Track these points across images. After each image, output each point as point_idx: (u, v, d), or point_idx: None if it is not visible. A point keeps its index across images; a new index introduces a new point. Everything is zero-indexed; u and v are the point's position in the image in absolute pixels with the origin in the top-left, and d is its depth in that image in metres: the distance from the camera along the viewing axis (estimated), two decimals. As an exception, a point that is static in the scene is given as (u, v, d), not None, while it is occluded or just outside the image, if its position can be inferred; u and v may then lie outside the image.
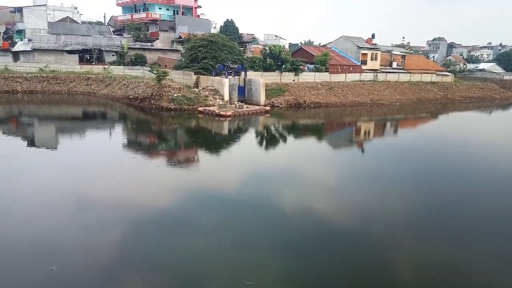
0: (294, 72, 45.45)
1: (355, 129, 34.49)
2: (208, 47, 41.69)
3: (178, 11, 67.06)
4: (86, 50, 53.65)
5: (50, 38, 53.86)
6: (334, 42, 58.09)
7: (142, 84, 39.82)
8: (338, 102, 44.46)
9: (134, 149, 22.96)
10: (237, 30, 72.76)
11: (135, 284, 8.92)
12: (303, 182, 17.43)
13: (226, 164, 20.26)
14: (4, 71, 45.79)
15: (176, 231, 11.62)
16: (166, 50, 57.74)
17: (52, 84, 45.18)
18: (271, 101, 40.29)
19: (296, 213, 13.64)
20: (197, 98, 36.27)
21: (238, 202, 14.35)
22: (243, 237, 11.40)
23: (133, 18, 66.55)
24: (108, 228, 11.54)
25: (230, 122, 31.72)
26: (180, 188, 15.85)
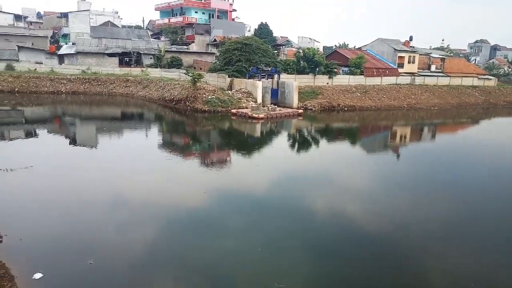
0: (328, 75, 45.01)
1: (390, 134, 33.65)
2: (242, 50, 42.11)
3: (213, 15, 68.21)
4: (126, 53, 55.68)
5: (92, 42, 56.36)
6: (370, 45, 56.99)
7: (177, 86, 40.80)
8: (373, 105, 43.57)
9: (169, 150, 23.57)
10: (271, 33, 72.98)
11: (166, 281, 9.17)
12: (335, 186, 17.23)
13: (258, 166, 20.37)
14: (50, 73, 48.38)
15: (208, 231, 11.83)
16: (201, 53, 58.85)
17: (93, 86, 47.23)
18: (304, 104, 40.10)
19: (327, 216, 13.51)
20: (231, 100, 36.71)
21: (269, 204, 14.39)
22: (274, 239, 11.42)
23: (170, 22, 68.35)
24: (142, 225, 11.93)
25: (263, 125, 31.87)
26: (213, 189, 16.10)
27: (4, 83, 44.51)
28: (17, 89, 44.20)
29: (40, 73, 47.88)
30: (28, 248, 10.00)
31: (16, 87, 44.35)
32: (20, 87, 44.53)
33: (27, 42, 54.84)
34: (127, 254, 10.07)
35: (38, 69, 49.43)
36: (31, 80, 45.88)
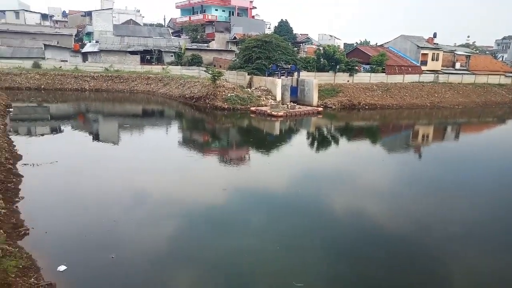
0: (349, 72, 44.45)
1: (412, 133, 32.98)
2: (262, 48, 42.04)
3: (233, 12, 68.36)
4: (147, 51, 56.49)
5: (115, 40, 57.40)
6: (392, 42, 55.93)
7: (197, 84, 41.14)
8: (394, 104, 42.79)
9: (188, 147, 23.81)
10: (291, 30, 72.58)
11: (183, 277, 9.28)
12: (355, 185, 17.03)
13: (276, 164, 20.33)
14: (75, 71, 49.60)
15: (226, 228, 11.90)
16: (221, 51, 59.10)
17: (115, 83, 48.15)
18: (324, 102, 39.76)
19: (346, 216, 13.38)
20: (250, 98, 36.75)
21: (288, 202, 14.35)
22: (293, 237, 11.39)
23: (190, 20, 68.90)
24: (161, 221, 12.10)
25: (282, 123, 31.77)
26: (231, 186, 16.17)
27: (31, 80, 45.93)
28: (43, 86, 45.53)
29: (65, 71, 49.15)
30: (53, 241, 10.30)
31: (42, 84, 45.69)
32: (46, 85, 45.85)
33: (53, 40, 56.40)
34: (147, 249, 10.25)
35: (63, 67, 50.75)
36: (56, 77, 47.16)
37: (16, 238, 9.85)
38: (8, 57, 50.73)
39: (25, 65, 49.26)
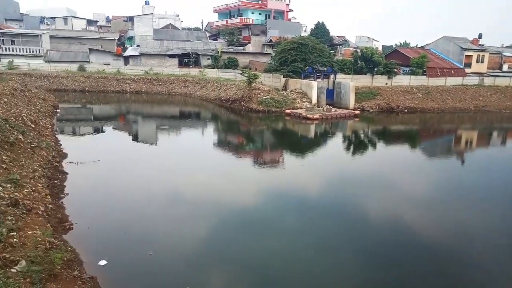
0: (387, 75, 43.28)
1: (454, 138, 31.61)
2: (298, 50, 41.88)
3: (270, 15, 68.63)
4: (185, 54, 57.89)
5: (154, 44, 59.28)
6: (434, 43, 53.94)
7: (233, 87, 41.61)
8: (435, 107, 41.20)
9: (223, 148, 24.12)
10: (328, 32, 71.79)
11: (216, 276, 9.38)
12: (392, 191, 16.54)
13: (311, 168, 20.14)
14: (117, 74, 51.70)
15: (260, 229, 11.93)
16: (257, 54, 59.45)
17: (155, 86, 49.69)
18: (361, 105, 38.97)
19: (383, 222, 13.01)
20: (285, 100, 36.68)
21: (323, 206, 14.18)
22: (328, 242, 11.23)
23: (227, 24, 69.91)
24: (197, 221, 12.32)
25: (317, 125, 31.45)
26: (265, 188, 16.20)
27: (77, 83, 48.35)
28: (88, 88, 47.79)
29: (108, 74, 51.36)
30: (94, 236, 10.76)
31: (86, 87, 47.98)
32: (90, 87, 48.09)
33: (97, 45, 59.09)
34: (183, 248, 10.47)
35: (106, 70, 53.06)
36: (100, 80, 49.37)
37: (62, 232, 10.37)
38: (56, 60, 53.69)
39: (71, 68, 51.95)
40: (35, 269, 7.11)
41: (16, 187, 10.68)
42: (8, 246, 7.60)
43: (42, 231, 8.93)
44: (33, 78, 45.93)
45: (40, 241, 8.41)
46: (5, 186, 10.28)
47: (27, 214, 9.62)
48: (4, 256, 7.01)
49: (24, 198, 10.43)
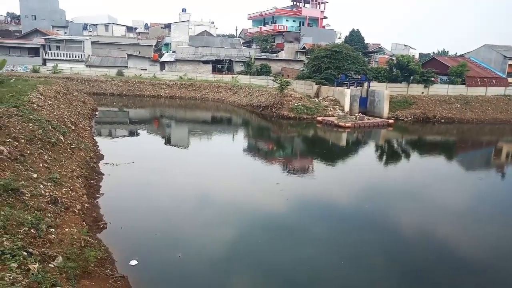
0: (424, 84, 42.03)
1: (494, 150, 30.15)
2: (332, 58, 41.54)
3: (304, 23, 68.55)
4: (219, 60, 58.88)
5: (189, 50, 60.71)
6: (474, 52, 51.92)
7: (265, 93, 41.80)
8: (475, 118, 39.53)
9: (254, 154, 24.23)
10: (362, 40, 70.91)
11: (244, 281, 9.40)
12: (425, 203, 15.96)
13: (342, 177, 19.84)
14: (153, 79, 53.30)
15: (288, 237, 11.85)
16: (290, 61, 59.50)
17: (188, 91, 50.79)
18: (395, 114, 38.03)
19: (415, 235, 12.59)
20: (317, 108, 36.42)
21: (353, 216, 13.92)
22: (358, 253, 11.00)
23: (261, 30, 70.44)
24: (225, 225, 12.42)
25: (349, 134, 30.97)
26: (295, 196, 16.11)
27: (115, 87, 50.27)
28: (125, 92, 49.55)
29: (144, 79, 53.05)
30: (126, 236, 11.09)
31: (124, 91, 49.77)
32: (127, 91, 49.85)
33: (135, 50, 61.26)
34: (211, 252, 10.57)
35: (142, 75, 54.86)
36: (136, 84, 51.06)
37: (96, 231, 10.76)
38: (97, 65, 56.12)
39: (110, 73, 54.09)
40: (71, 266, 7.42)
41: (55, 186, 11.22)
42: (47, 242, 7.97)
43: (78, 229, 9.32)
44: (75, 82, 48.15)
45: (76, 238, 8.77)
46: (46, 184, 10.82)
47: (65, 212, 10.07)
48: (43, 251, 7.37)
49: (63, 196, 10.93)
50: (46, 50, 55.77)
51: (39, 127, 14.98)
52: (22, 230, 7.61)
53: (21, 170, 10.73)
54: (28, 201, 9.08)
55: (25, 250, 6.83)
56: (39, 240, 7.82)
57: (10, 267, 6.01)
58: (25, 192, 9.39)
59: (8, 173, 9.81)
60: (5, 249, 6.33)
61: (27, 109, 16.51)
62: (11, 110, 14.95)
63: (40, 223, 8.31)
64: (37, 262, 6.73)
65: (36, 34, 62.07)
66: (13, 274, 5.82)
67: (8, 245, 6.58)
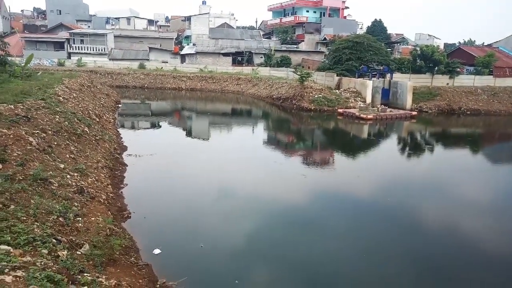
0: (449, 75, 40.82)
1: (524, 143, 29.11)
2: (353, 49, 40.82)
3: (324, 13, 67.55)
4: (239, 52, 58.83)
5: (210, 42, 60.88)
6: (503, 41, 50.00)
7: (285, 85, 41.58)
8: (503, 110, 38.18)
9: (273, 146, 24.21)
10: (385, 30, 69.16)
11: (265, 272, 9.47)
12: (449, 197, 15.61)
13: (363, 169, 19.59)
14: (174, 71, 53.82)
15: (309, 229, 11.84)
16: (310, 52, 58.84)
17: (209, 83, 51.06)
18: (419, 106, 37.16)
19: (438, 230, 12.34)
20: (338, 99, 35.99)
21: (374, 209, 13.76)
22: (380, 247, 10.89)
23: (281, 22, 69.85)
24: (246, 216, 12.52)
25: (371, 126, 30.51)
26: (315, 188, 16.05)
27: (137, 80, 51.05)
28: (147, 85, 50.27)
29: (165, 71, 53.62)
30: (150, 226, 11.33)
31: (145, 84, 50.49)
32: (149, 84, 50.54)
33: (157, 43, 61.88)
34: (232, 242, 10.69)
35: (163, 68, 55.43)
36: (158, 77, 51.69)
37: (120, 220, 11.03)
38: (119, 58, 57.05)
39: (132, 66, 54.90)
40: (97, 253, 7.65)
41: (82, 176, 11.54)
42: (74, 230, 8.24)
43: (103, 218, 9.58)
44: (98, 75, 49.12)
45: (102, 227, 9.02)
46: (73, 174, 11.15)
47: (91, 201, 10.36)
48: (71, 239, 7.63)
49: (89, 186, 11.24)
50: (71, 44, 57.06)
51: (65, 119, 15.41)
52: (51, 218, 7.88)
53: (49, 160, 11.09)
54: (56, 191, 9.38)
55: (54, 238, 7.07)
56: (67, 228, 8.09)
57: (41, 253, 6.25)
58: (53, 182, 9.70)
59: (37, 164, 10.15)
60: (36, 236, 6.58)
61: (54, 101, 16.99)
62: (39, 102, 15.41)
63: (68, 211, 8.58)
64: (66, 249, 6.96)
65: (61, 28, 63.55)
66: (44, 260, 6.05)
67: (39, 232, 6.84)
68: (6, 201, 7.34)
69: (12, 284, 5.02)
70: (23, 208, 7.50)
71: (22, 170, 9.17)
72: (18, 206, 7.45)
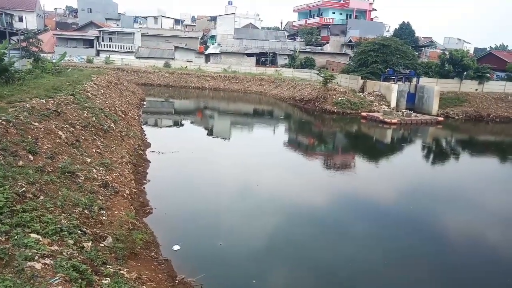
0: (478, 80, 39.63)
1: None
2: (379, 51, 40.21)
3: (351, 15, 66.79)
4: (263, 53, 58.95)
5: (234, 43, 61.28)
6: (538, 46, 48.05)
7: (308, 87, 41.37)
8: (535, 118, 36.74)
9: (295, 147, 24.15)
10: (413, 33, 67.79)
11: (283, 272, 9.48)
12: (476, 207, 15.17)
13: (385, 174, 19.29)
14: (198, 71, 54.46)
15: (328, 231, 11.78)
16: (335, 54, 58.36)
17: (232, 83, 51.38)
18: (445, 111, 36.23)
19: (463, 239, 12.03)
20: (362, 103, 35.54)
21: (395, 216, 13.53)
22: (402, 254, 10.72)
23: (306, 23, 69.52)
24: (265, 216, 12.54)
25: (394, 131, 29.97)
26: (335, 191, 15.93)
27: (162, 78, 51.93)
28: (171, 83, 51.05)
29: (190, 70, 54.33)
30: (170, 222, 11.54)
31: (170, 82, 51.28)
32: (173, 82, 51.31)
33: (182, 43, 62.77)
34: (251, 242, 10.75)
35: (188, 67, 56.16)
36: (182, 76, 52.42)
37: (142, 215, 11.28)
38: (145, 57, 58.21)
39: (158, 64, 55.89)
40: (120, 246, 7.86)
41: (107, 170, 11.87)
42: (98, 223, 8.50)
43: (126, 213, 9.83)
44: (125, 73, 50.26)
45: (125, 221, 9.26)
46: (98, 169, 11.48)
47: (115, 195, 10.64)
48: (95, 231, 7.87)
49: (113, 181, 11.55)
50: (100, 41, 58.60)
51: (93, 114, 15.88)
52: (77, 210, 8.16)
53: (77, 154, 11.46)
54: (82, 184, 9.69)
55: (79, 229, 7.32)
56: (92, 220, 8.35)
57: (67, 243, 6.49)
58: (80, 175, 10.02)
59: (65, 157, 10.51)
60: (63, 227, 6.84)
61: (82, 97, 17.52)
62: (68, 98, 15.93)
63: (93, 204, 8.86)
64: (90, 241, 7.20)
65: (91, 26, 65.37)
66: (70, 250, 6.28)
67: (66, 223, 7.09)
68: (36, 192, 7.64)
69: (41, 271, 5.25)
70: (51, 199, 7.80)
71: (51, 163, 9.52)
72: (47, 197, 7.74)
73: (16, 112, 10.84)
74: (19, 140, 9.37)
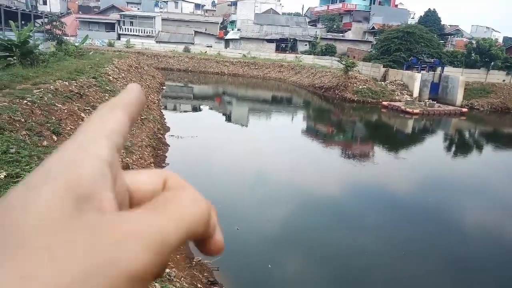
0: (507, 71, 38.18)
1: None
2: (403, 39, 39.12)
3: (375, 1, 65.03)
4: (283, 39, 58.27)
5: (254, 28, 60.70)
6: None
7: (328, 74, 40.75)
8: None
9: (313, 136, 23.97)
10: (438, 21, 65.65)
11: (298, 260, 9.51)
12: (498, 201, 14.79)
13: (405, 166, 18.96)
14: (217, 56, 54.31)
15: (344, 221, 11.72)
16: (357, 41, 57.18)
17: (251, 69, 51.09)
18: (470, 102, 35.17)
19: (481, 235, 11.77)
20: (383, 91, 34.83)
21: (414, 208, 13.34)
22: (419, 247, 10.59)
23: (328, 9, 68.14)
24: (281, 204, 12.56)
25: (416, 121, 29.33)
26: (352, 181, 15.79)
27: (182, 63, 52.05)
28: (190, 68, 51.13)
29: (209, 56, 54.22)
30: (188, 205, 11.67)
31: (189, 67, 51.37)
32: (192, 67, 51.37)
33: (202, 28, 62.62)
34: (267, 228, 10.80)
35: (207, 52, 56.07)
36: (201, 61, 52.39)
37: (161, 198, 11.45)
38: (165, 41, 58.36)
39: (178, 49, 55.95)
40: (139, 227, 8.01)
41: (127, 153, 12.04)
42: (119, 203, 8.66)
43: (146, 194, 9.97)
44: (145, 57, 50.55)
45: (144, 203, 9.41)
46: (119, 151, 11.66)
47: (135, 177, 10.81)
48: (116, 211, 8.04)
49: (133, 163, 11.71)
50: (121, 25, 59.02)
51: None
52: (99, 190, 8.32)
53: (98, 136, 11.64)
54: (104, 165, 9.86)
55: (101, 209, 7.48)
56: (113, 201, 8.51)
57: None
58: (102, 157, 10.20)
59: (88, 138, 10.70)
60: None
61: (104, 80, 17.74)
62: (90, 80, 16.15)
63: (114, 185, 9.02)
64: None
65: (112, 10, 65.82)
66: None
67: (88, 202, 7.25)
68: (59, 171, 7.81)
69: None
70: (74, 179, 7.96)
71: (74, 144, 9.70)
72: (70, 177, 7.91)
73: (41, 94, 11.05)
74: (44, 121, 9.57)
